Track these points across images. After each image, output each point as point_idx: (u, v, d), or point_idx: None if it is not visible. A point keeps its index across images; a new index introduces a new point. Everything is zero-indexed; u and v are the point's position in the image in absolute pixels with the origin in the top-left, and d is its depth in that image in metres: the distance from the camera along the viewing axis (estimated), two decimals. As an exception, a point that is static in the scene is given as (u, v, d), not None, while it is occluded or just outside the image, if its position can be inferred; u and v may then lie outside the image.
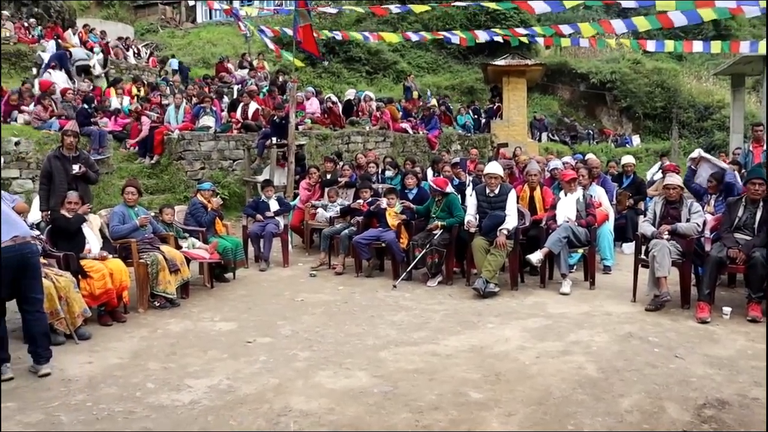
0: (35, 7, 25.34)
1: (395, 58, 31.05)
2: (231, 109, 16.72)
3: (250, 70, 22.08)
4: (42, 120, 13.50)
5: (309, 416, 4.80)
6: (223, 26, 33.51)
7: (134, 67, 23.55)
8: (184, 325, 7.28)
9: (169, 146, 14.49)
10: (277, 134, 13.57)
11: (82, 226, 7.56)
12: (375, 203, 9.95)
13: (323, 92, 21.46)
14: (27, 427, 4.71)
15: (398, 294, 8.62)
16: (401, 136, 19.52)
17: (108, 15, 34.68)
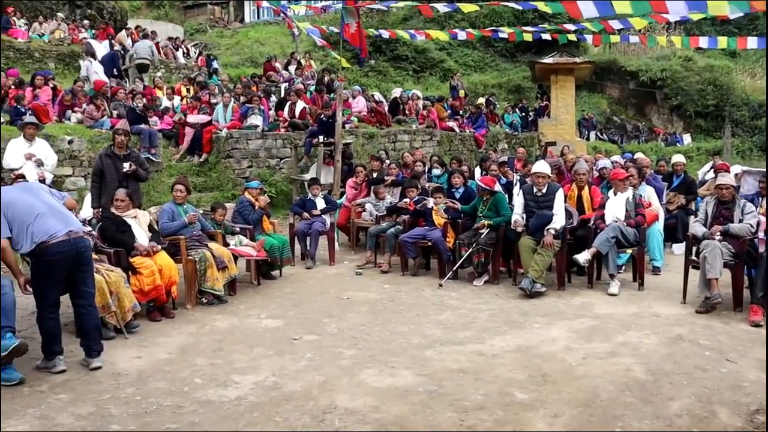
0: (89, 8, 25.84)
1: (442, 56, 30.97)
2: (278, 107, 16.83)
3: (297, 69, 22.20)
4: (94, 119, 13.74)
5: (354, 414, 4.82)
6: (270, 26, 33.74)
7: (183, 67, 23.86)
8: (231, 322, 7.35)
9: (217, 145, 14.65)
10: (324, 133, 13.63)
11: (132, 223, 7.68)
12: (422, 202, 9.92)
13: (368, 90, 21.47)
14: (79, 419, 4.80)
15: (444, 293, 8.59)
16: (448, 135, 19.47)
17: (158, 15, 35.20)
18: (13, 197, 5.74)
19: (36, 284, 5.73)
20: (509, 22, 28.45)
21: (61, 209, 5.92)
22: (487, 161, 12.30)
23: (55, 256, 5.61)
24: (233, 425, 4.68)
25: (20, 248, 5.64)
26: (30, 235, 5.58)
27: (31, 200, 5.77)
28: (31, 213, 5.65)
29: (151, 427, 4.66)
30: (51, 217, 5.71)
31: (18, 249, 5.66)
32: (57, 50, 21.12)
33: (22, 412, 4.94)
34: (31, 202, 5.74)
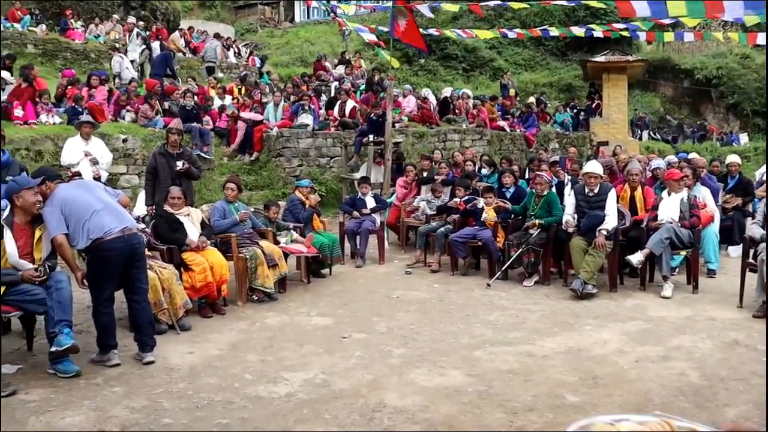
0: (142, 9, 26.28)
1: (492, 55, 30.79)
2: (328, 107, 16.92)
3: (347, 68, 22.28)
4: (148, 118, 13.98)
5: (403, 413, 4.81)
6: (320, 25, 33.92)
7: (234, 67, 24.12)
8: (281, 319, 7.40)
9: (268, 143, 14.78)
10: (374, 132, 13.66)
11: (184, 221, 7.78)
12: (472, 202, 9.87)
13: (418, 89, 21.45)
14: (132, 412, 4.89)
15: (494, 293, 8.53)
16: (498, 134, 19.35)
17: (210, 16, 35.64)
18: (70, 194, 5.86)
19: (91, 279, 5.85)
20: (560, 21, 28.17)
21: (116, 206, 6.03)
22: (534, 161, 12.20)
23: (110, 252, 5.72)
24: (283, 422, 4.71)
25: (76, 244, 5.77)
26: (86, 232, 5.69)
27: (88, 197, 5.89)
28: (88, 210, 5.76)
29: (202, 422, 4.72)
30: (106, 214, 5.81)
31: (74, 245, 5.78)
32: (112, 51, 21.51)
33: (78, 403, 5.05)
34: (88, 200, 5.86)
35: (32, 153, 11.40)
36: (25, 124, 12.22)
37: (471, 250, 9.72)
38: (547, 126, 22.34)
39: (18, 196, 5.64)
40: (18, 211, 5.66)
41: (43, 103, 13.00)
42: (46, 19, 22.48)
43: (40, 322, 6.20)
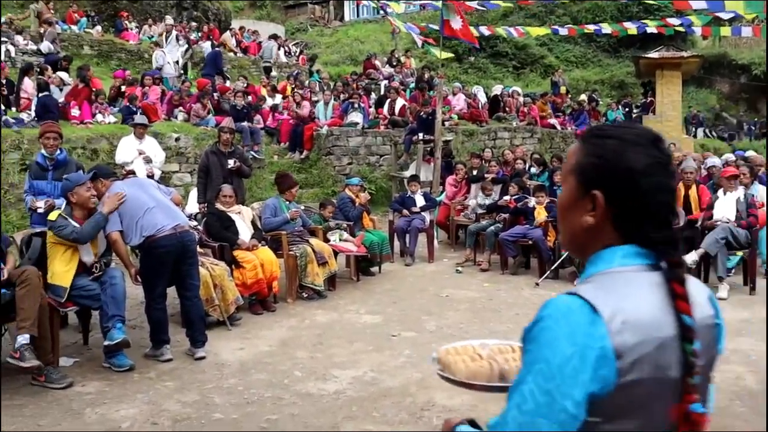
0: (195, 10, 26.65)
1: (543, 52, 30.50)
2: (378, 105, 16.94)
3: (397, 67, 22.28)
4: (200, 117, 14.16)
5: (452, 412, 4.79)
6: (370, 24, 33.99)
7: (285, 65, 24.30)
8: (330, 317, 7.44)
9: (318, 142, 14.86)
10: (424, 130, 13.63)
11: (236, 218, 7.86)
12: (522, 200, 9.79)
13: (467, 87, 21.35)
14: (184, 406, 4.96)
15: (544, 292, 8.44)
16: (549, 132, 19.16)
17: (260, 15, 35.98)
18: (128, 192, 5.97)
19: (144, 276, 5.96)
20: (612, 17, 27.74)
21: (168, 204, 6.12)
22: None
23: (162, 249, 5.81)
24: (331, 419, 4.73)
25: (130, 241, 5.88)
26: (139, 229, 5.79)
27: (141, 195, 5.99)
28: (141, 207, 5.86)
29: (252, 418, 4.76)
30: (159, 211, 5.91)
31: (128, 242, 5.88)
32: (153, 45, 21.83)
33: (132, 396, 5.15)
34: (141, 198, 5.96)
35: (88, 151, 11.64)
36: (81, 123, 12.49)
37: (521, 249, 9.64)
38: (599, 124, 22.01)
39: (73, 193, 5.77)
40: (75, 207, 5.79)
41: (99, 102, 13.27)
42: (101, 21, 22.93)
43: (95, 317, 6.32)
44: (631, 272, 1.41)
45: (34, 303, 5.16)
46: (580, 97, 22.93)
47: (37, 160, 7.03)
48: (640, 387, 1.30)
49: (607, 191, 1.44)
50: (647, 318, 1.33)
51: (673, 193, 1.53)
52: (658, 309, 1.35)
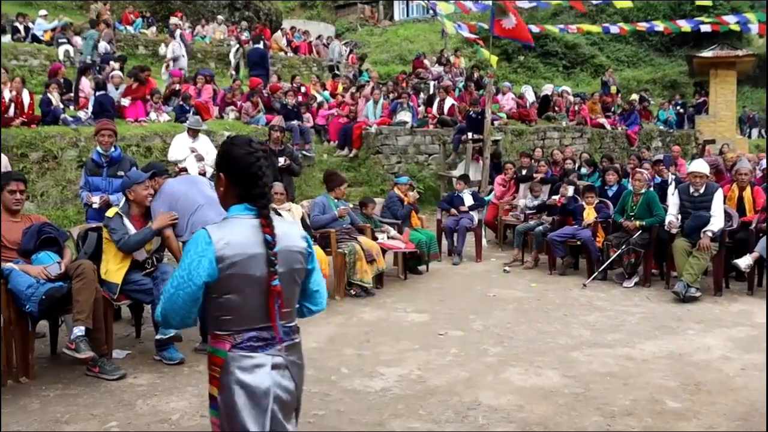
0: (246, 10, 26.96)
1: (593, 51, 30.18)
2: (427, 104, 16.95)
3: (446, 66, 22.25)
4: (251, 115, 14.33)
5: (498, 412, 4.80)
6: (419, 23, 33.99)
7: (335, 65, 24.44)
8: (378, 315, 7.48)
9: (367, 140, 14.93)
10: (473, 129, 13.60)
11: (285, 216, 7.95)
12: (561, 194, 9.74)
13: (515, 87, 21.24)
14: (234, 402, 5.03)
15: (592, 293, 8.38)
16: (599, 132, 18.97)
17: (311, 15, 36.23)
18: (176, 189, 6.10)
19: None
20: (665, 15, 27.31)
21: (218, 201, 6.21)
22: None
23: None
24: (378, 416, 4.77)
25: (181, 237, 5.99)
26: (190, 225, 5.91)
27: (193, 192, 6.11)
28: (192, 204, 5.98)
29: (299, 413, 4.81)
30: (210, 208, 6.01)
31: (180, 237, 6.00)
32: (217, 51, 22.16)
33: (182, 389, 5.26)
34: (193, 195, 6.08)
35: (142, 149, 11.88)
36: (135, 121, 12.75)
37: (569, 250, 9.56)
38: (649, 124, 21.73)
39: (131, 190, 5.92)
40: (132, 204, 5.94)
41: (153, 101, 13.51)
42: (156, 22, 23.35)
43: (147, 311, 6.47)
44: (241, 218, 2.60)
45: (89, 296, 5.30)
46: (630, 97, 22.61)
47: (93, 157, 7.19)
48: (234, 278, 2.50)
49: (226, 173, 2.66)
50: (242, 241, 2.53)
51: (261, 169, 2.60)
52: (252, 237, 2.54)
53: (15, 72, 15.57)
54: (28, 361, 5.46)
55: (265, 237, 2.52)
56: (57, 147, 11.01)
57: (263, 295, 2.54)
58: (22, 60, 17.65)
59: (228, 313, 2.55)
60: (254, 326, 2.56)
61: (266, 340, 2.58)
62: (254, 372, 2.54)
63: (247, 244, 2.52)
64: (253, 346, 2.56)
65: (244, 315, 2.55)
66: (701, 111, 22.91)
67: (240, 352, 2.54)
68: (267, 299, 2.54)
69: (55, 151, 10.96)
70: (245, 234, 2.54)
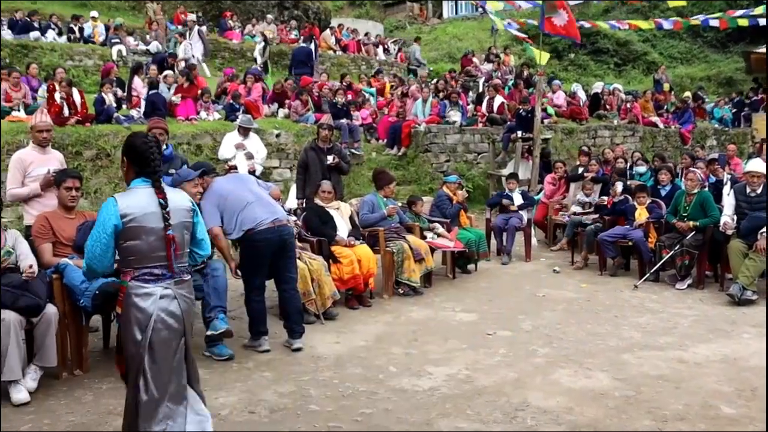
0: (295, 9, 27.15)
1: (646, 48, 29.65)
2: (476, 102, 16.86)
3: (495, 64, 22.11)
4: (300, 114, 14.41)
5: (546, 413, 4.75)
6: (468, 21, 33.82)
7: (384, 63, 24.47)
8: (426, 314, 7.46)
9: (415, 139, 14.90)
10: (523, 128, 13.48)
11: (334, 214, 7.97)
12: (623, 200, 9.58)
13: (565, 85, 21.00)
14: (281, 397, 5.09)
15: (644, 295, 8.24)
16: (651, 131, 18.66)
17: (359, 14, 36.31)
18: (225, 188, 6.16)
19: (243, 269, 6.12)
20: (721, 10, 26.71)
21: (267, 199, 6.28)
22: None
23: (261, 243, 5.97)
24: (425, 415, 4.76)
25: (230, 235, 6.05)
26: (239, 223, 5.97)
27: (241, 190, 6.17)
28: (241, 202, 6.03)
29: (346, 411, 4.83)
30: (258, 206, 6.07)
31: (228, 236, 6.06)
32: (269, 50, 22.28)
33: (231, 385, 5.32)
34: (241, 193, 6.13)
35: (192, 147, 12.03)
36: (186, 120, 12.91)
37: (621, 250, 9.41)
38: (704, 122, 21.29)
39: (180, 187, 5.97)
40: (180, 202, 6.02)
41: (204, 100, 13.67)
42: (207, 21, 23.61)
43: (197, 307, 6.53)
44: (139, 188, 3.67)
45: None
46: (684, 94, 22.18)
47: (146, 155, 7.28)
48: (134, 229, 3.56)
49: (128, 157, 3.74)
50: (140, 203, 3.60)
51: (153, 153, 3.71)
52: (149, 200, 3.62)
53: (71, 72, 15.95)
54: (82, 355, 5.59)
55: (159, 200, 3.64)
56: (110, 145, 11.20)
57: (159, 241, 3.63)
58: (77, 60, 18.09)
59: (131, 254, 3.64)
60: (148, 264, 3.65)
61: (158, 276, 3.66)
62: (145, 298, 3.61)
63: (144, 206, 3.62)
64: (147, 279, 3.64)
65: (142, 256, 3.63)
66: (758, 108, 22.31)
67: (137, 283, 3.63)
68: (163, 244, 3.63)
69: (108, 149, 11.16)
70: (143, 198, 3.65)
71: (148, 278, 3.64)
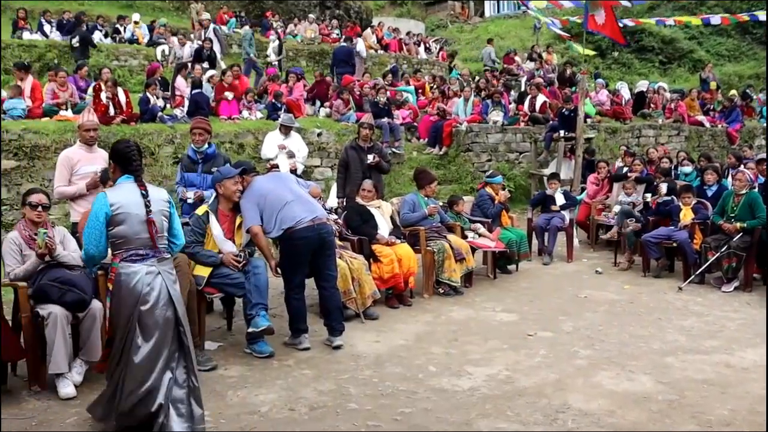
0: (337, 9, 27.25)
1: (692, 46, 29.14)
2: (518, 101, 16.74)
3: (537, 63, 21.94)
4: (341, 113, 14.46)
5: (588, 416, 4.70)
6: (510, 19, 33.60)
7: (425, 62, 24.42)
8: (466, 313, 7.43)
9: (457, 138, 14.84)
10: (565, 127, 13.34)
11: (375, 213, 7.97)
12: (668, 201, 9.43)
13: (610, 84, 20.74)
14: (320, 395, 5.11)
15: (688, 297, 8.10)
16: (697, 130, 18.35)
17: (401, 13, 36.27)
18: (265, 186, 6.20)
19: (283, 267, 6.15)
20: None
21: (307, 198, 6.31)
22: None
23: (301, 241, 5.99)
24: (465, 415, 4.74)
25: (270, 233, 6.08)
26: (279, 222, 6.00)
27: (281, 189, 6.20)
28: (281, 201, 6.06)
29: (386, 410, 4.83)
30: (298, 204, 6.10)
31: (268, 234, 6.09)
32: (308, 49, 22.45)
33: (271, 382, 5.36)
34: (281, 191, 6.16)
35: (235, 146, 12.15)
36: (229, 119, 13.03)
37: (665, 251, 9.26)
38: (752, 121, 20.88)
39: (221, 185, 6.05)
40: (221, 198, 6.09)
41: (246, 99, 13.78)
42: (249, 21, 23.82)
43: (238, 304, 6.60)
44: (125, 183, 4.38)
45: (184, 288, 5.42)
46: (731, 93, 21.77)
47: (188, 153, 7.36)
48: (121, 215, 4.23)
49: (114, 160, 4.47)
50: (126, 195, 4.30)
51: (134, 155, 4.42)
52: (133, 192, 4.33)
53: (116, 72, 16.22)
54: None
55: (141, 192, 4.34)
56: (154, 144, 11.37)
57: (142, 226, 4.29)
58: (123, 60, 18.41)
59: (119, 238, 4.27)
60: (133, 246, 4.29)
61: (142, 256, 4.29)
62: (131, 276, 4.22)
63: (129, 197, 4.30)
64: (133, 259, 4.27)
65: (128, 240, 4.27)
66: (810, 107, 21.83)
67: (124, 263, 4.26)
68: (146, 228, 4.29)
69: (153, 147, 11.32)
70: (128, 191, 4.34)
71: (134, 258, 4.27)
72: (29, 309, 5.16)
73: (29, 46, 16.84)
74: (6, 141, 10.21)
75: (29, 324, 5.15)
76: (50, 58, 16.46)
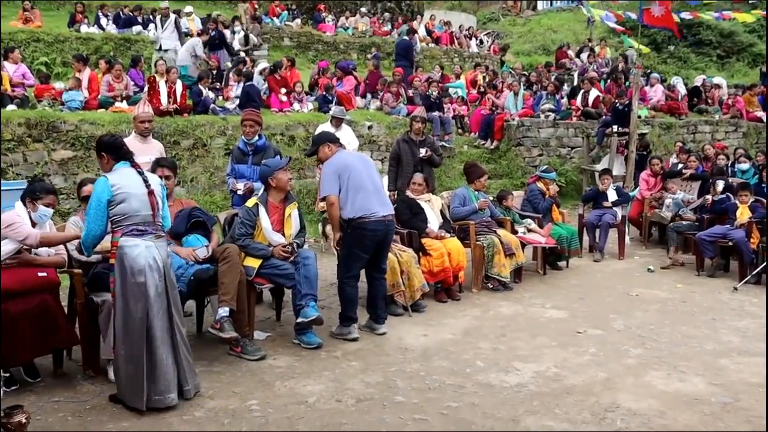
0: (388, 2, 27.23)
1: (752, 39, 28.39)
2: (571, 96, 16.55)
3: (590, 57, 21.64)
4: (392, 106, 14.45)
5: (637, 416, 4.64)
6: (564, 12, 33.16)
7: (476, 55, 24.26)
8: (515, 309, 7.38)
9: (508, 132, 14.74)
10: (618, 122, 13.15)
11: (425, 207, 7.95)
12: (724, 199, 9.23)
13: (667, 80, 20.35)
14: (368, 387, 5.13)
15: (744, 298, 7.92)
16: (756, 127, 17.91)
17: (452, 6, 36.01)
18: (351, 164, 6.26)
19: (345, 254, 6.21)
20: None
21: (384, 191, 6.46)
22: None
23: (370, 233, 6.10)
24: (512, 411, 4.71)
25: (342, 211, 6.14)
26: (353, 205, 6.09)
27: (364, 174, 6.25)
28: (362, 186, 6.14)
29: (433, 403, 4.82)
30: (375, 196, 6.20)
31: (341, 211, 6.15)
32: (359, 42, 22.46)
33: (318, 373, 5.39)
34: (364, 177, 6.22)
35: (286, 138, 12.24)
36: (280, 111, 13.13)
37: (720, 250, 9.07)
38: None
39: (273, 177, 6.10)
40: (272, 191, 6.13)
41: (296, 92, 13.87)
42: (301, 14, 23.94)
43: (287, 295, 6.65)
44: (122, 168, 4.71)
45: (234, 278, 5.51)
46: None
47: (239, 145, 7.43)
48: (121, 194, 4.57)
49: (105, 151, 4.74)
50: (125, 176, 4.67)
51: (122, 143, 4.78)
52: (131, 173, 4.71)
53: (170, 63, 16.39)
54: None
55: (137, 171, 4.72)
56: (206, 135, 11.51)
57: (141, 203, 4.64)
58: (176, 53, 18.53)
59: (120, 215, 4.59)
60: (133, 223, 4.62)
61: (141, 231, 4.63)
62: (132, 248, 4.57)
63: (128, 177, 4.66)
64: (134, 234, 4.61)
65: (128, 216, 4.60)
66: None
67: (125, 238, 4.59)
68: (146, 205, 4.65)
69: (205, 139, 11.47)
70: (126, 173, 4.68)
71: (135, 233, 4.61)
72: (84, 296, 5.27)
73: (86, 39, 17.13)
74: (63, 132, 10.49)
75: (83, 311, 5.26)
76: (106, 51, 16.72)
